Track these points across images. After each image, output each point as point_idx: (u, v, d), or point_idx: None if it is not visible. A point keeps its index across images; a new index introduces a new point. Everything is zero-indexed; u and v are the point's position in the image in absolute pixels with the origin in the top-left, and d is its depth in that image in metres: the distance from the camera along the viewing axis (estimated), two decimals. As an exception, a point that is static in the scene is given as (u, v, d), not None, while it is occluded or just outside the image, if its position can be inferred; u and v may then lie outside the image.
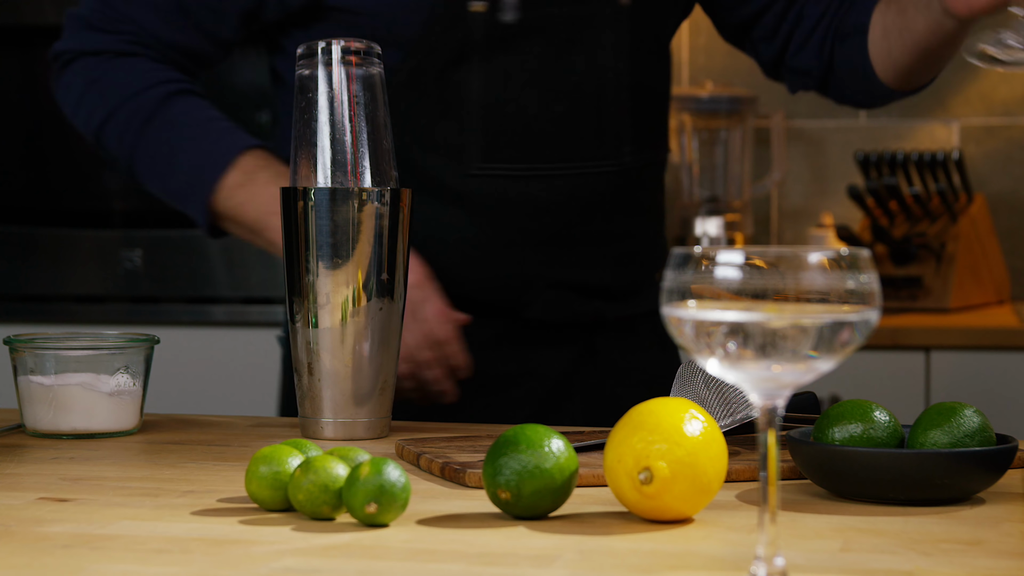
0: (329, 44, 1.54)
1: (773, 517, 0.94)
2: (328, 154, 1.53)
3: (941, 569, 1.00)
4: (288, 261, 1.54)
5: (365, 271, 1.52)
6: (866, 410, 1.24)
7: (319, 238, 1.52)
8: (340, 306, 1.52)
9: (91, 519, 1.15)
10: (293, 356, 1.55)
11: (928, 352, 2.87)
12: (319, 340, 1.52)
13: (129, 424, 1.56)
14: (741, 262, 0.90)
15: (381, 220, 1.53)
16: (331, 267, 1.52)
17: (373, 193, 1.53)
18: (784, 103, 3.42)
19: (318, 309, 1.52)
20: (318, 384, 1.52)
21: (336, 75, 1.54)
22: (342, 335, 1.52)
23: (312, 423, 1.53)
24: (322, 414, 1.53)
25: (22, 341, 1.55)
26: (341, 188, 1.52)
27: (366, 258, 1.52)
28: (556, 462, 1.13)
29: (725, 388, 1.37)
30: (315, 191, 1.52)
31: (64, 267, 3.02)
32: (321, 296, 1.52)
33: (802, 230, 3.44)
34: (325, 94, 1.54)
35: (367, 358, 1.52)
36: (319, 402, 1.53)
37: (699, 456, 1.11)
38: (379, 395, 1.54)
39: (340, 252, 1.52)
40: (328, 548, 1.06)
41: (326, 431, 1.53)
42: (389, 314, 1.53)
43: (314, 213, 1.52)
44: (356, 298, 1.52)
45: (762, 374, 0.92)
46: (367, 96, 1.55)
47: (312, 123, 1.54)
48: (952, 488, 1.19)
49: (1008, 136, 3.41)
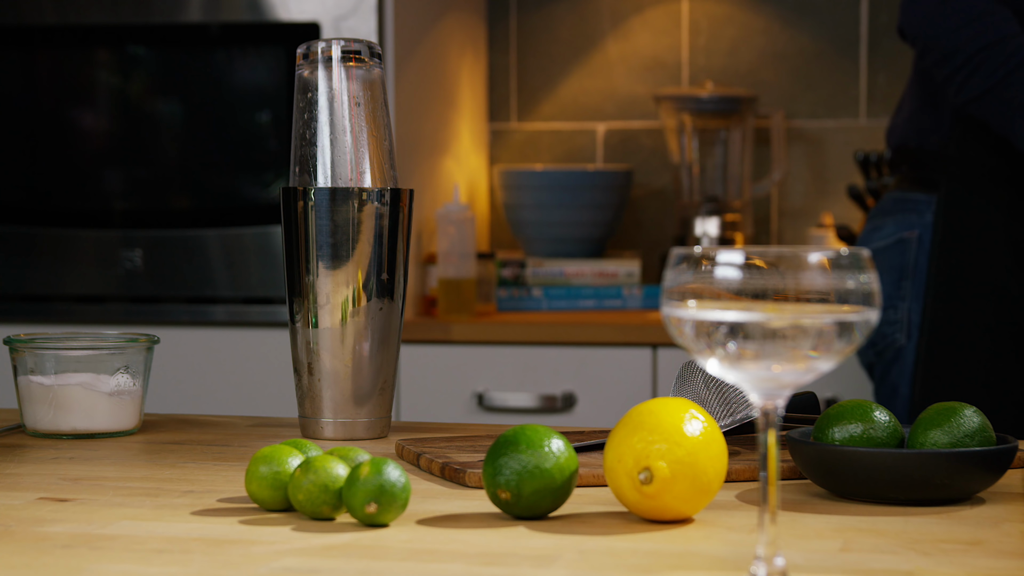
0: (329, 44, 1.55)
1: (773, 517, 0.94)
2: (328, 154, 1.53)
3: (941, 569, 1.00)
4: (288, 261, 1.55)
5: (365, 271, 1.52)
6: (866, 410, 1.24)
7: (319, 238, 1.52)
8: (340, 306, 1.52)
9: (91, 519, 1.15)
10: (293, 356, 1.55)
11: (928, 352, 2.87)
12: (319, 340, 1.52)
13: (129, 424, 1.56)
14: (741, 262, 0.90)
15: (381, 220, 1.53)
16: (331, 267, 1.52)
17: (373, 193, 1.53)
18: (784, 103, 3.42)
19: (318, 309, 1.52)
20: (318, 384, 1.53)
21: (336, 75, 1.54)
22: (342, 335, 1.52)
23: (312, 423, 1.54)
24: (322, 414, 1.53)
25: (22, 341, 1.55)
26: (341, 188, 1.52)
27: (366, 258, 1.52)
28: (556, 462, 1.13)
29: (725, 388, 1.37)
30: (315, 191, 1.52)
31: (64, 267, 3.02)
32: (321, 296, 1.52)
33: (802, 230, 3.43)
34: (325, 94, 1.54)
35: (367, 358, 1.52)
36: (319, 402, 1.53)
37: (699, 456, 1.11)
38: (379, 395, 1.54)
39: (340, 252, 1.52)
40: (328, 548, 1.06)
41: (326, 431, 1.53)
42: (389, 314, 1.53)
43: (314, 213, 1.52)
44: (356, 298, 1.52)
45: (762, 374, 0.92)
46: (367, 96, 1.55)
47: (312, 123, 1.54)
48: (952, 488, 1.19)
49: (1008, 136, 3.41)
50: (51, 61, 3.02)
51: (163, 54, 2.96)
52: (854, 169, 3.36)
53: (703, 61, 3.44)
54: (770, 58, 3.42)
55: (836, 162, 3.44)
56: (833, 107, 3.42)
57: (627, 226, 3.45)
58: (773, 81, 3.43)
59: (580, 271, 3.16)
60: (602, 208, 3.23)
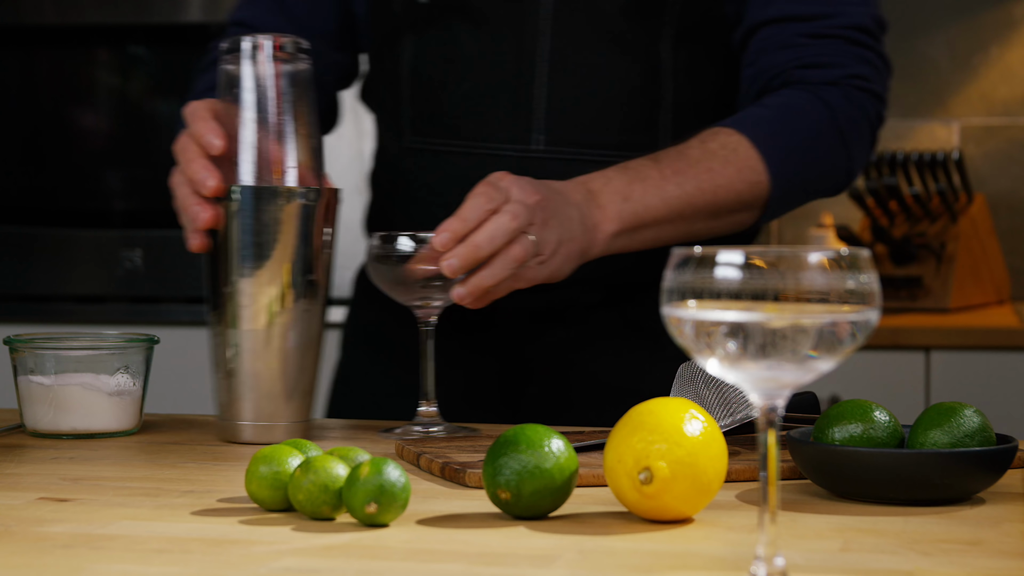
0: (255, 39, 1.50)
1: (773, 517, 0.94)
2: (253, 152, 1.49)
3: (941, 569, 1.00)
4: (211, 260, 1.50)
5: (290, 272, 1.48)
6: (866, 410, 1.24)
7: (243, 237, 1.47)
8: (265, 307, 1.48)
9: (91, 519, 1.15)
10: (213, 357, 1.50)
11: (928, 352, 2.87)
12: (242, 341, 1.48)
13: (129, 424, 1.56)
14: (741, 262, 0.90)
15: (307, 220, 1.49)
16: (255, 267, 1.47)
17: (299, 192, 1.49)
18: (784, 103, 3.42)
19: (241, 310, 1.48)
20: (240, 386, 1.49)
21: (262, 71, 1.50)
22: (267, 337, 1.48)
23: (231, 426, 1.49)
24: (242, 417, 1.49)
25: (22, 341, 1.55)
26: (267, 187, 1.48)
27: (291, 258, 1.48)
28: (556, 462, 1.13)
29: (725, 388, 1.37)
30: (240, 189, 1.48)
31: (64, 267, 3.02)
32: (245, 297, 1.48)
33: (802, 230, 3.43)
34: (250, 90, 1.49)
35: (291, 360, 1.49)
36: (240, 404, 1.49)
37: (699, 456, 1.11)
38: (301, 398, 1.50)
39: (265, 252, 1.47)
40: (328, 548, 1.06)
41: (245, 434, 1.49)
42: (314, 316, 1.50)
43: (238, 212, 1.48)
44: (280, 299, 1.48)
45: (762, 374, 0.92)
46: (294, 93, 1.50)
47: (236, 120, 1.49)
48: (952, 488, 1.19)
49: (1008, 136, 3.41)
50: (51, 61, 3.02)
51: (163, 54, 2.96)
52: (854, 169, 3.36)
53: (703, 61, 3.43)
54: (770, 58, 3.42)
55: (836, 162, 3.43)
56: (833, 107, 3.42)
57: (627, 226, 3.45)
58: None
59: (580, 271, 3.15)
60: (602, 208, 3.23)
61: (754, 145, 1.65)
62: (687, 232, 1.64)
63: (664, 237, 1.62)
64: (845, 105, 1.70)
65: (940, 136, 3.41)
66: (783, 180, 1.67)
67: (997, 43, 3.39)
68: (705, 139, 1.65)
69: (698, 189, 1.62)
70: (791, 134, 1.68)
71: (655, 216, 1.60)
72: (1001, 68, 3.39)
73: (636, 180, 1.59)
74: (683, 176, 1.61)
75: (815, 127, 1.69)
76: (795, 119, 1.68)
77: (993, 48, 3.39)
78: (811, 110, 1.69)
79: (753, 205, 1.67)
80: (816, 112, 1.69)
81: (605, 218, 1.57)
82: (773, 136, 1.67)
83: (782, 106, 1.69)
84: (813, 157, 1.70)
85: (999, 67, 3.39)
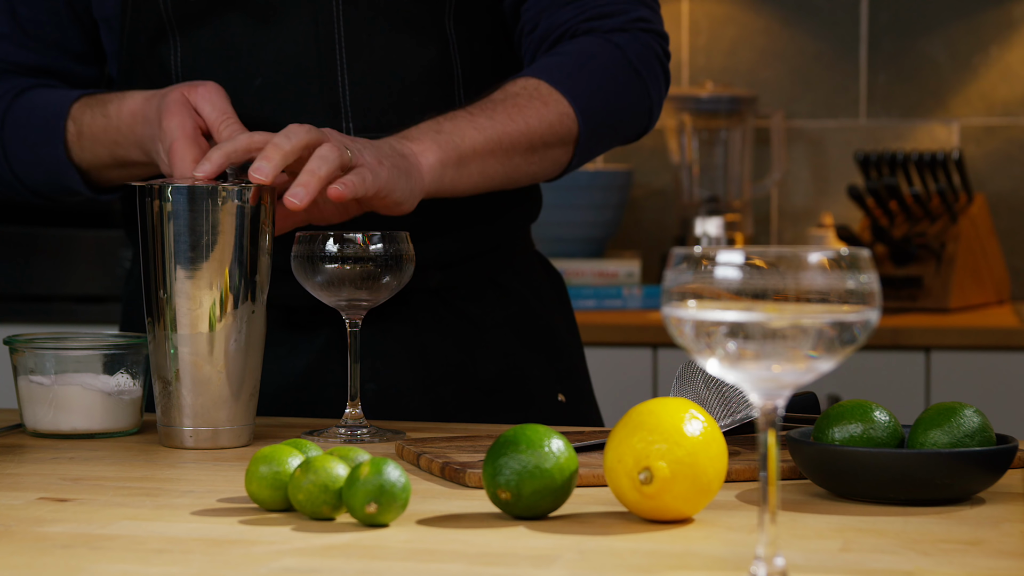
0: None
1: (773, 517, 0.94)
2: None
3: (941, 569, 1.00)
4: (145, 264, 1.46)
5: (230, 274, 1.44)
6: (866, 410, 1.24)
7: (178, 239, 1.43)
8: (206, 311, 1.44)
9: (91, 519, 1.15)
10: (153, 363, 1.46)
11: (928, 352, 2.87)
12: (182, 346, 1.44)
13: (129, 424, 1.56)
14: (741, 262, 0.90)
15: (243, 219, 1.45)
16: (193, 270, 1.43)
17: (233, 191, 1.45)
18: (784, 103, 3.42)
19: (180, 315, 1.44)
20: (181, 392, 1.45)
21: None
22: (209, 341, 1.44)
23: (175, 432, 1.46)
24: (185, 423, 1.46)
25: (22, 341, 1.55)
26: (200, 186, 1.44)
27: (229, 259, 1.44)
28: (556, 462, 1.13)
29: (725, 388, 1.37)
30: (172, 189, 1.44)
31: (64, 267, 3.02)
32: (183, 300, 1.44)
33: (802, 230, 3.44)
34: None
35: (233, 364, 1.45)
36: (182, 410, 1.45)
37: (699, 456, 1.11)
38: (245, 402, 1.47)
39: (201, 254, 1.43)
40: (328, 548, 1.06)
41: (188, 440, 1.46)
42: (255, 318, 1.46)
43: (172, 213, 1.43)
44: (221, 302, 1.44)
45: (762, 374, 0.92)
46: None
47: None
48: (952, 488, 1.19)
49: (1008, 136, 3.41)
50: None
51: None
52: (854, 169, 3.36)
53: (703, 61, 3.44)
54: (770, 58, 3.42)
55: (836, 162, 3.44)
56: (833, 107, 3.42)
57: (627, 226, 3.45)
58: (773, 81, 3.43)
59: (580, 271, 3.16)
60: (602, 208, 3.24)
61: (554, 87, 1.69)
62: (510, 168, 1.66)
63: (490, 172, 1.64)
64: (635, 45, 1.75)
65: (940, 136, 3.42)
66: (589, 115, 1.70)
67: (997, 43, 3.39)
68: (506, 87, 1.68)
69: (510, 120, 1.64)
70: (589, 74, 1.72)
71: (472, 146, 1.61)
72: (1001, 68, 3.39)
73: (444, 120, 1.62)
74: (492, 112, 1.64)
75: (611, 67, 1.74)
76: (590, 61, 1.73)
77: (993, 48, 3.39)
78: (602, 52, 1.74)
79: (566, 139, 1.70)
80: (608, 54, 1.74)
81: (422, 148, 1.58)
82: (571, 77, 1.70)
83: (575, 52, 1.73)
84: (614, 94, 1.74)
85: (999, 67, 3.39)
